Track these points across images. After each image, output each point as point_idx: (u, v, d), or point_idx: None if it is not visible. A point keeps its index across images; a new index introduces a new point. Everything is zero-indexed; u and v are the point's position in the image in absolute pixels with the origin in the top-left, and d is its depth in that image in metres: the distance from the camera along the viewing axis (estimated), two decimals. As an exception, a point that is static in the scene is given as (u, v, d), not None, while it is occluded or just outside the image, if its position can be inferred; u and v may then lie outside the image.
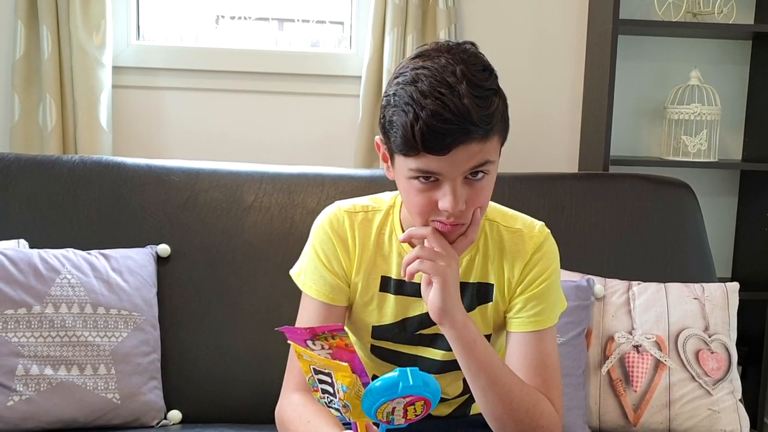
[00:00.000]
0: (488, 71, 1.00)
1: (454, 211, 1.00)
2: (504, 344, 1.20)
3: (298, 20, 2.41)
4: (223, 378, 1.63)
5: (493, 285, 1.15)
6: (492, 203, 1.17)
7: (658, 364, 1.57)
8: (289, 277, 1.15)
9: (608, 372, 1.58)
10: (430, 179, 1.00)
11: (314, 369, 0.85)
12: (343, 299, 1.18)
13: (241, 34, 2.40)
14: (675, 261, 1.79)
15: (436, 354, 1.19)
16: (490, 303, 1.16)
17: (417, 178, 1.00)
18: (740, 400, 1.59)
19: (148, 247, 1.67)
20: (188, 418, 1.59)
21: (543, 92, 2.34)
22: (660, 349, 1.58)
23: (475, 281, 1.16)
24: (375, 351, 1.22)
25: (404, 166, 1.01)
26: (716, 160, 2.26)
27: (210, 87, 2.27)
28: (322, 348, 0.83)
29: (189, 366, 1.63)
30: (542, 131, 2.35)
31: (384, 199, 1.20)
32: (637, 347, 1.58)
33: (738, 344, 1.63)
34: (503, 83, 1.05)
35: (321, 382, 0.86)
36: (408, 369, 0.81)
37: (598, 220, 1.80)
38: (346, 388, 0.82)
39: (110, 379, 1.49)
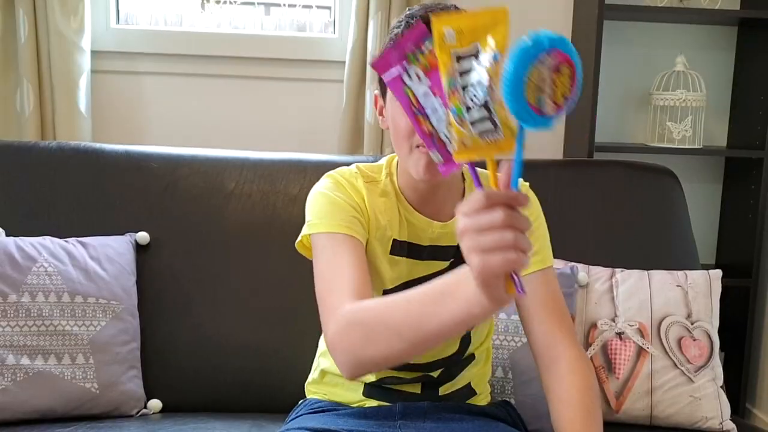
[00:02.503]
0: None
1: None
2: None
3: (284, 5, 2.38)
4: (203, 367, 1.61)
5: None
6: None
7: (640, 352, 1.57)
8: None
9: (591, 359, 1.58)
10: None
11: (456, 56, 0.68)
12: (363, 234, 1.13)
13: (227, 18, 2.36)
14: (659, 248, 1.78)
15: None
16: None
17: None
18: (722, 387, 1.59)
19: (126, 234, 1.64)
20: (169, 407, 1.58)
21: (528, 78, 2.32)
22: (642, 337, 1.57)
23: None
24: None
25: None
26: (701, 146, 2.25)
27: (191, 72, 2.24)
28: (418, 78, 0.69)
29: (169, 355, 1.61)
30: (527, 117, 2.33)
31: (381, 163, 1.24)
32: (619, 334, 1.58)
33: (721, 330, 1.64)
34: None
35: (463, 74, 0.68)
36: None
37: (583, 207, 1.79)
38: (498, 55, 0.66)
39: (88, 368, 1.47)
